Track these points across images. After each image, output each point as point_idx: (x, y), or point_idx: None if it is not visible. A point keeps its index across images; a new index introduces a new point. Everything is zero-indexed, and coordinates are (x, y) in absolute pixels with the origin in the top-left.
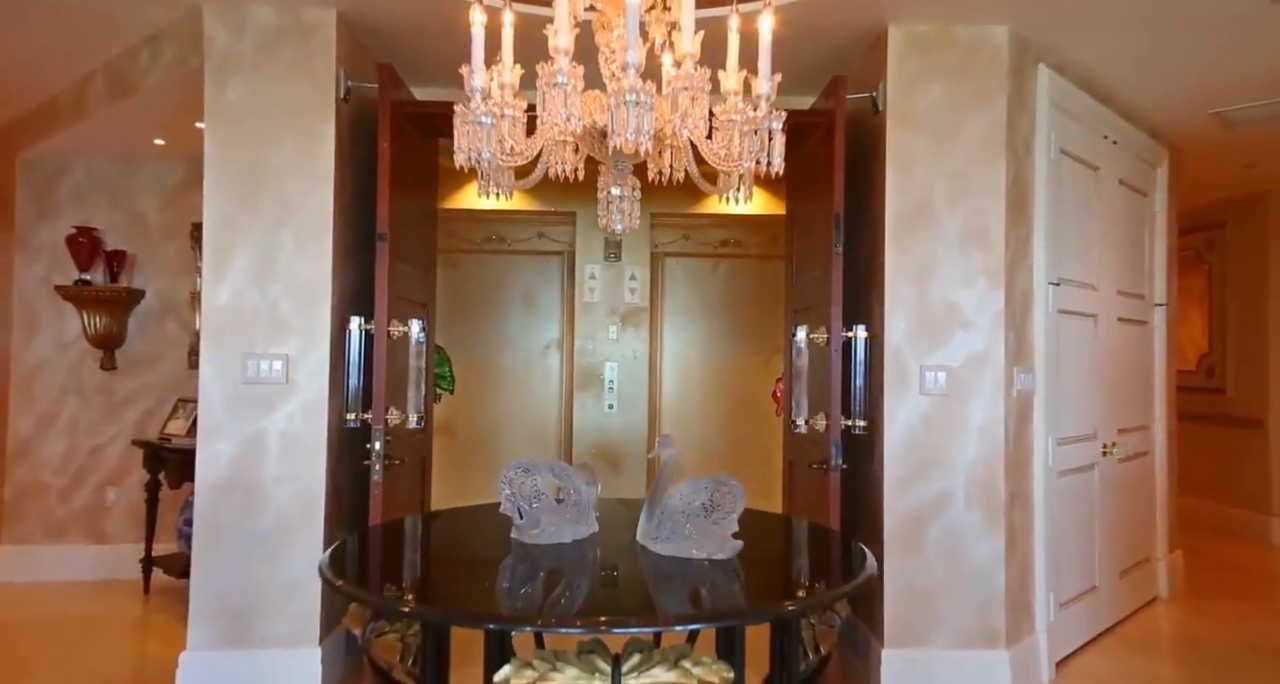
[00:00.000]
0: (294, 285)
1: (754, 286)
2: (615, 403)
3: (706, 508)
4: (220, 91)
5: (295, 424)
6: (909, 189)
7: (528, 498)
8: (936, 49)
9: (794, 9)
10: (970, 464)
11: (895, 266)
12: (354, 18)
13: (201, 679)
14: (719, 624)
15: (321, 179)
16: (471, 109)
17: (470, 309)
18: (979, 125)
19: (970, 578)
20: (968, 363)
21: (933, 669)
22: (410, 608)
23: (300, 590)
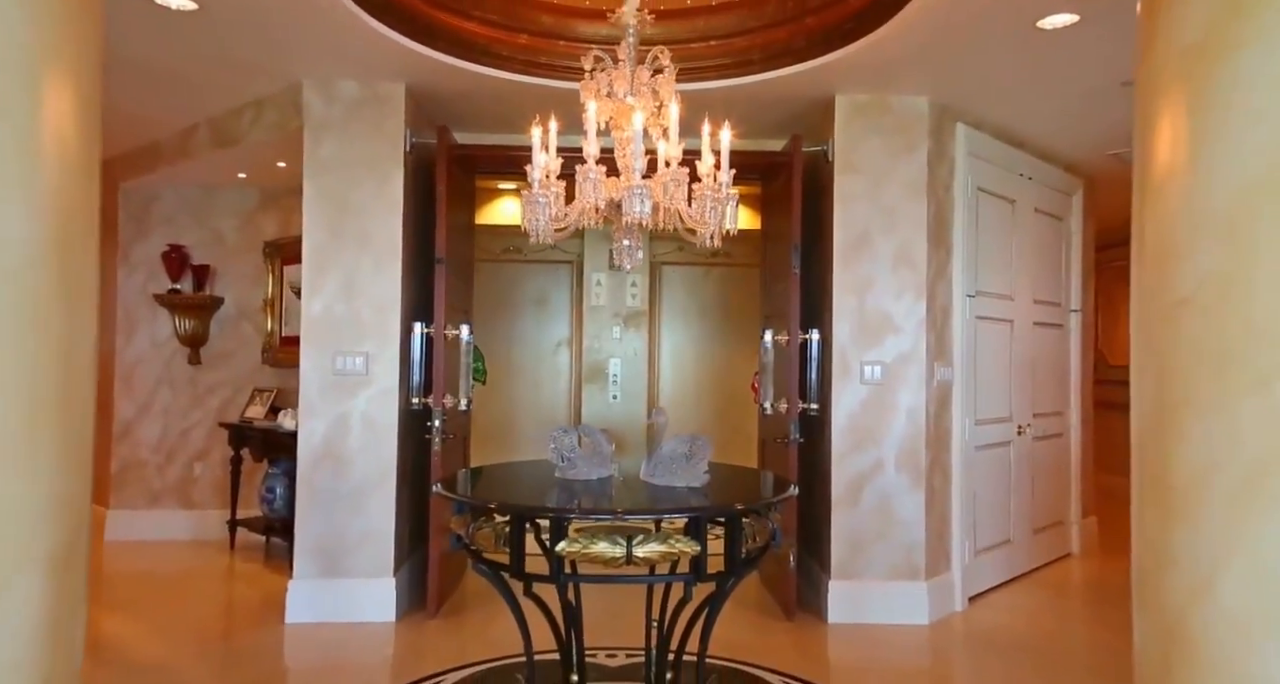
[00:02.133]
0: (371, 298)
1: (740, 292)
2: (619, 394)
3: (686, 455)
4: (316, 147)
5: (373, 407)
6: (852, 222)
7: (567, 449)
8: (873, 113)
9: (769, 82)
10: (899, 439)
11: (841, 283)
12: (416, 89)
13: (305, 601)
14: (688, 514)
15: (392, 214)
16: (532, 193)
17: (490, 311)
18: (907, 172)
19: (898, 527)
20: (897, 359)
21: (868, 596)
22: (499, 505)
23: (377, 535)
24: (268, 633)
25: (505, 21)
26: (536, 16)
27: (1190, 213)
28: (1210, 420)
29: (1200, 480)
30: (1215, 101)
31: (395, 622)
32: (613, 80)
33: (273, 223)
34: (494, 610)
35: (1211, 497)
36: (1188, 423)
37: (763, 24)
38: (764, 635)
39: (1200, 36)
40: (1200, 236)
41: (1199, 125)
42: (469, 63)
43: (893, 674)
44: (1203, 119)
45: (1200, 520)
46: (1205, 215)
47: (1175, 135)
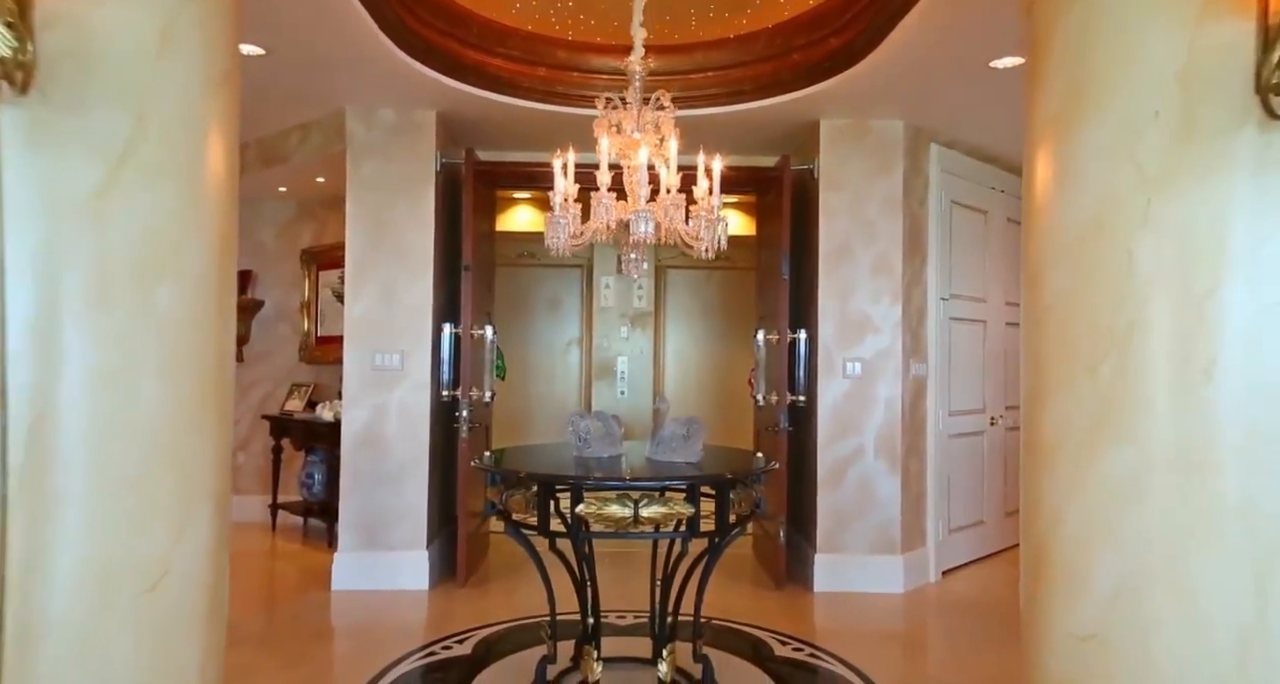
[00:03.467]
0: (407, 302)
1: (739, 294)
2: (626, 389)
3: (684, 436)
4: (358, 169)
5: (408, 398)
6: (835, 233)
7: (583, 431)
8: (854, 136)
9: (761, 108)
10: (877, 427)
11: (825, 288)
12: (446, 115)
13: (348, 570)
14: (684, 482)
15: (425, 228)
16: (554, 215)
17: (508, 313)
18: (884, 188)
19: (876, 506)
20: (876, 356)
21: (849, 568)
22: (529, 475)
23: (412, 512)
24: (316, 598)
25: (526, 56)
26: (553, 52)
27: (1051, 242)
28: (1062, 395)
29: (1056, 439)
30: (1066, 163)
31: (429, 589)
32: (621, 119)
33: (309, 232)
34: (516, 581)
35: (1063, 451)
36: (1049, 398)
37: (754, 58)
38: (756, 602)
39: (1058, 110)
40: (1057, 261)
41: (1056, 178)
42: (494, 94)
43: (869, 633)
44: (1059, 174)
45: (1056, 468)
46: (1059, 246)
47: (1044, 182)
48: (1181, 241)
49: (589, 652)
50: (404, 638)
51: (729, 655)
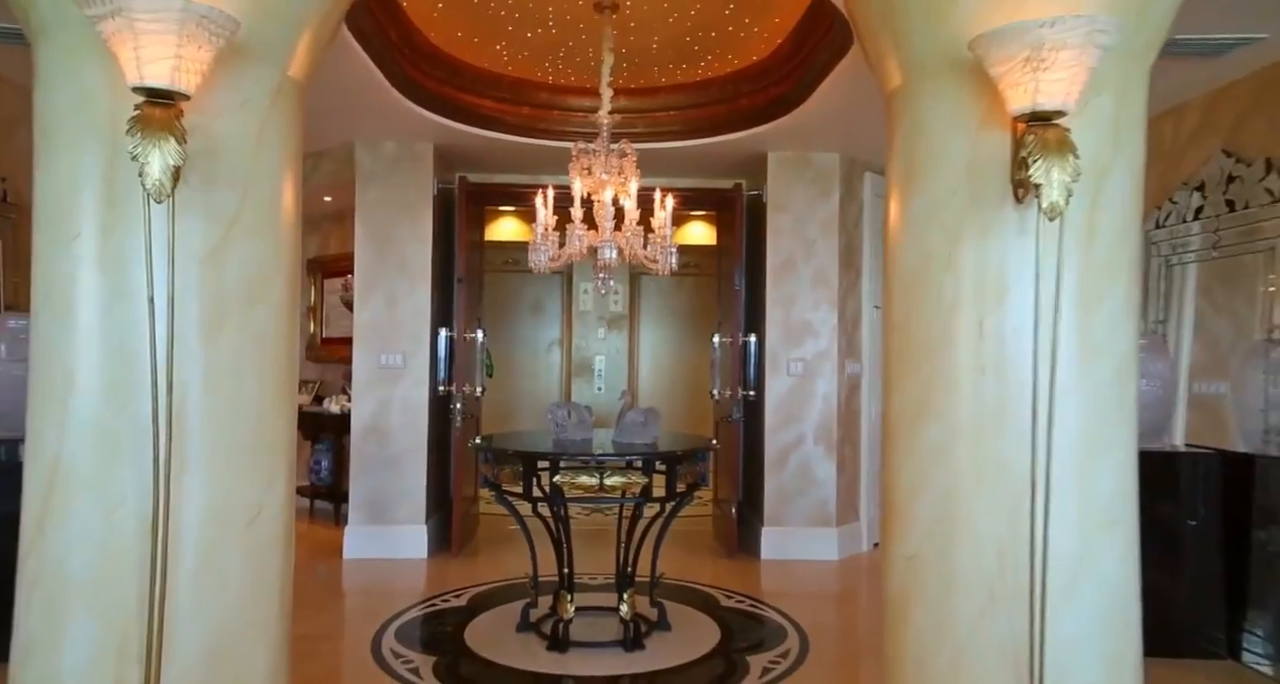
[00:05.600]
0: (408, 310)
1: (708, 299)
2: (603, 386)
3: (643, 422)
4: (365, 192)
5: (410, 393)
6: (780, 250)
7: (560, 418)
8: (797, 166)
9: (716, 143)
10: (816, 418)
11: (772, 298)
12: (442, 147)
13: (358, 542)
14: (640, 456)
15: (423, 244)
16: (535, 242)
17: (494, 316)
18: (823, 211)
19: (815, 486)
20: (815, 357)
21: (791, 538)
22: (517, 452)
23: (413, 492)
24: (330, 565)
25: (512, 97)
26: (536, 93)
27: (897, 277)
28: (901, 387)
29: (897, 419)
30: (903, 220)
31: (427, 558)
32: (591, 162)
33: (314, 243)
34: (503, 552)
35: (900, 427)
36: (894, 389)
37: (710, 101)
38: (710, 567)
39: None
40: (900, 290)
41: (897, 231)
42: (484, 130)
43: (803, 592)
44: (899, 228)
45: (897, 440)
46: (900, 280)
47: (892, 232)
48: (972, 280)
49: (564, 596)
50: (408, 595)
51: (682, 606)
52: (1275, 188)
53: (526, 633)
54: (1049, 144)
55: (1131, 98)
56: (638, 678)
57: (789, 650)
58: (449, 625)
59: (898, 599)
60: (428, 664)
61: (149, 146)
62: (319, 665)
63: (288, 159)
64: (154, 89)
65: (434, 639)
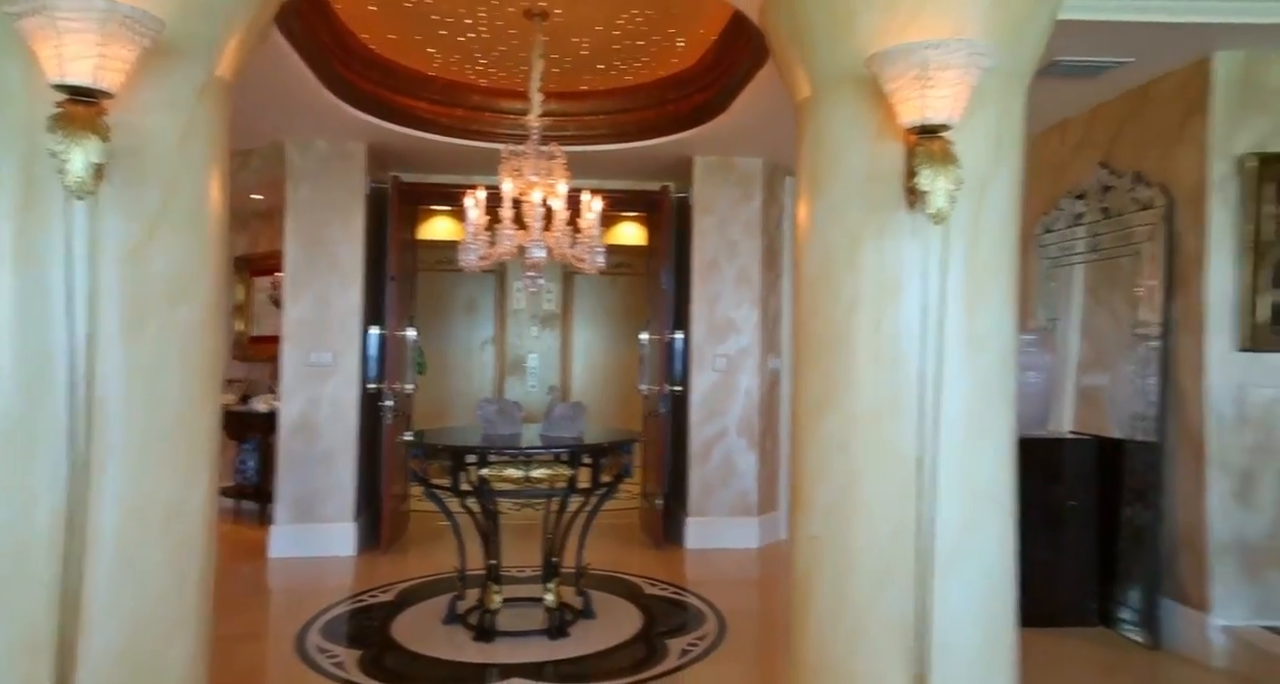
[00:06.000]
0: (338, 308)
1: (639, 298)
2: (536, 383)
3: (570, 417)
4: (296, 191)
5: (339, 391)
6: (705, 250)
7: (489, 414)
8: (721, 170)
9: (644, 147)
10: (739, 412)
11: (697, 296)
12: (375, 146)
13: (284, 540)
14: (564, 449)
15: (355, 243)
16: (466, 243)
17: (428, 314)
18: (746, 214)
19: (737, 477)
20: (738, 353)
21: (714, 527)
22: (446, 446)
23: (341, 489)
24: (254, 565)
25: (445, 99)
26: (469, 96)
27: (804, 276)
28: (808, 378)
29: (803, 409)
30: (810, 222)
31: (356, 555)
32: (521, 165)
33: (243, 241)
34: (433, 548)
35: (806, 417)
36: (802, 380)
37: (638, 106)
38: (637, 557)
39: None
40: (807, 288)
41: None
42: (417, 131)
43: (724, 578)
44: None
45: (803, 429)
46: (808, 279)
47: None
48: (870, 279)
49: (491, 587)
50: (335, 591)
51: (607, 594)
52: (1142, 197)
53: (453, 625)
54: (934, 155)
55: (1011, 113)
56: (560, 664)
57: (707, 633)
58: (376, 620)
59: (802, 579)
60: (353, 658)
61: (70, 144)
62: (241, 663)
63: (214, 157)
64: (76, 87)
65: (360, 634)
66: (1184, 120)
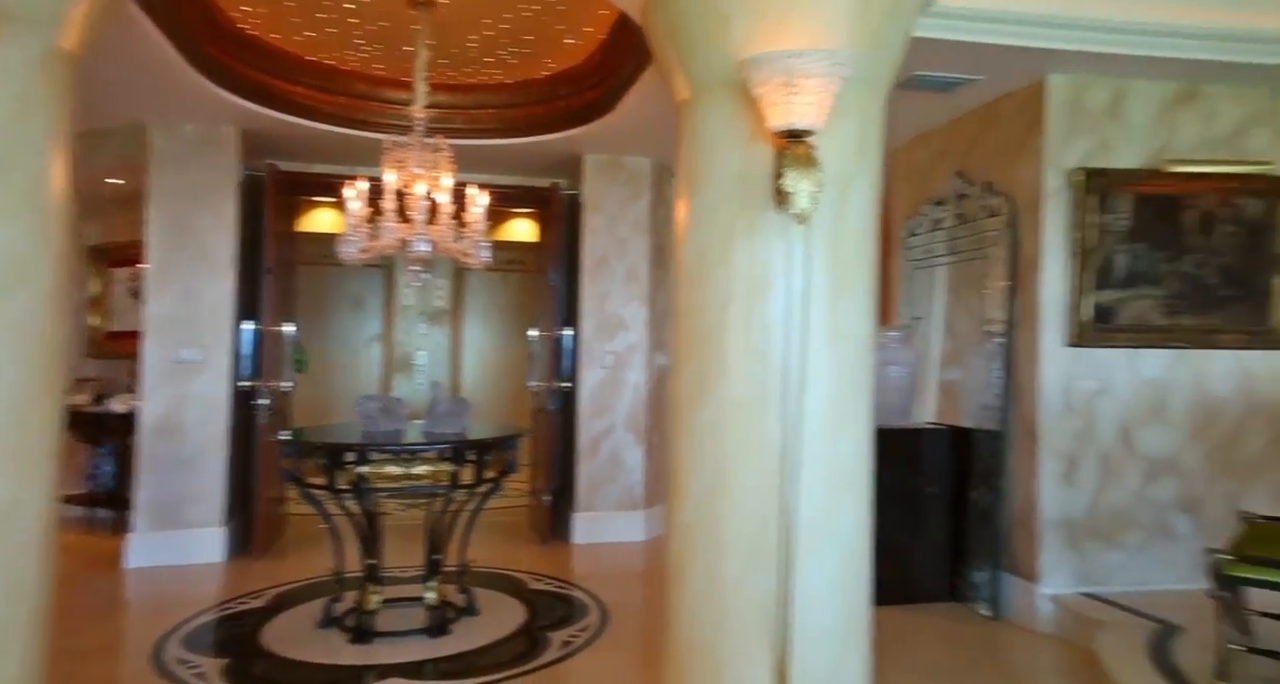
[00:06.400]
0: (208, 301)
1: (531, 295)
2: (425, 381)
3: (454, 412)
4: (161, 177)
5: (208, 389)
6: (595, 248)
7: (370, 411)
8: (611, 169)
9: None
10: (627, 408)
11: (587, 293)
12: (251, 132)
13: (142, 549)
14: (444, 446)
15: (227, 233)
16: (345, 235)
17: (310, 310)
18: (635, 213)
19: (625, 472)
20: (627, 349)
21: (602, 522)
22: (323, 444)
23: (209, 493)
24: (107, 577)
25: (328, 86)
26: (353, 84)
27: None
28: (685, 368)
29: (680, 399)
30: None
31: (225, 562)
32: (405, 156)
33: (97, 229)
34: (312, 552)
35: (683, 406)
36: (679, 371)
37: (528, 101)
38: (524, 554)
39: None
40: (686, 282)
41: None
42: (297, 118)
43: (610, 571)
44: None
45: (679, 418)
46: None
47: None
48: (743, 275)
49: (369, 588)
50: (200, 600)
51: (491, 591)
52: (991, 205)
53: (329, 628)
54: (798, 158)
55: (871, 120)
56: (441, 661)
57: (590, 625)
58: (245, 627)
59: (677, 564)
60: (217, 667)
61: None
62: (87, 678)
63: (55, 135)
64: None
65: (227, 642)
66: (1025, 136)
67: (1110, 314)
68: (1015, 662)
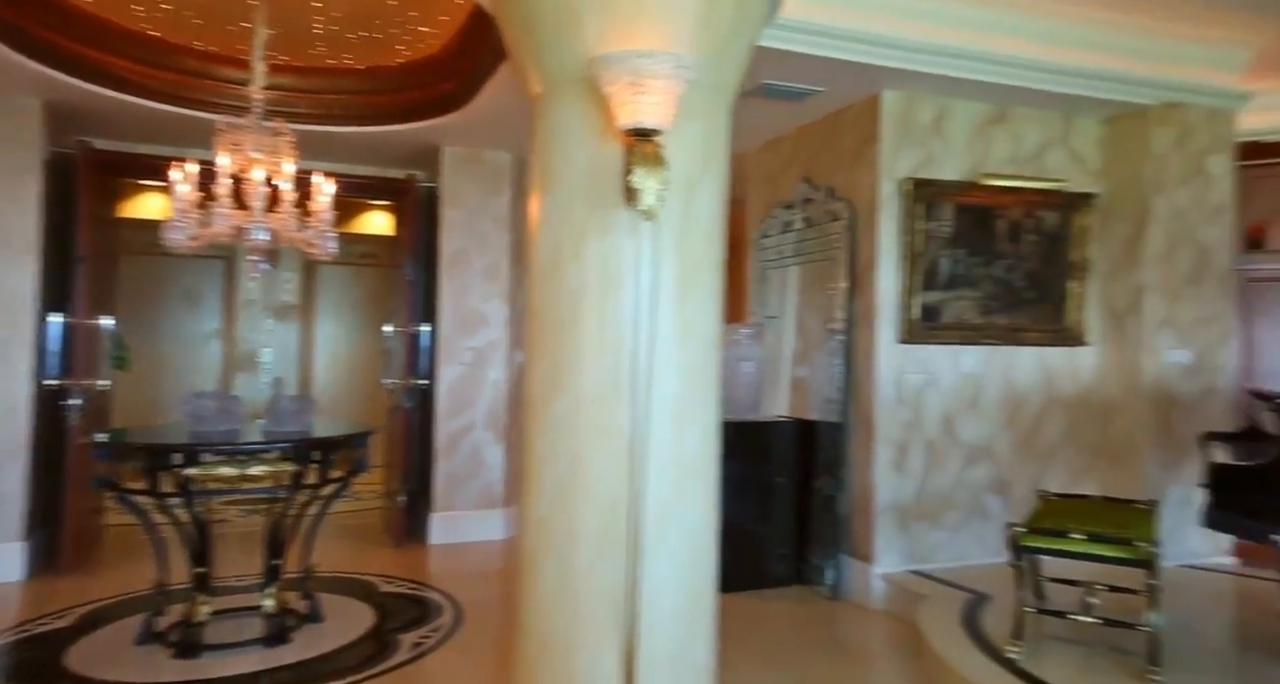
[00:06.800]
0: (4, 291)
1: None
2: (270, 380)
3: (296, 410)
4: None
5: (4, 387)
6: (453, 242)
7: (200, 410)
8: (471, 163)
9: (388, 132)
10: (487, 405)
11: (445, 289)
12: (58, 105)
13: None
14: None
15: (28, 215)
16: (172, 220)
17: (137, 303)
18: (495, 208)
19: (484, 470)
20: (487, 346)
21: (460, 521)
22: (144, 445)
23: (6, 502)
24: None
25: (153, 60)
26: (183, 59)
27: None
28: (538, 364)
29: (533, 394)
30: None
31: (24, 581)
32: (242, 138)
33: None
34: (132, 565)
35: (536, 401)
36: (532, 366)
37: (381, 89)
38: (377, 557)
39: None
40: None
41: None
42: (115, 91)
43: (467, 571)
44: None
45: (532, 414)
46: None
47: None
48: (595, 270)
49: (197, 598)
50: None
51: (338, 596)
52: (834, 210)
53: (149, 645)
54: (646, 156)
55: (717, 124)
56: (278, 671)
57: (443, 625)
58: (46, 650)
59: (530, 556)
60: None
61: None
62: None
63: None
64: None
65: (23, 667)
66: (862, 146)
67: (936, 313)
68: (848, 637)
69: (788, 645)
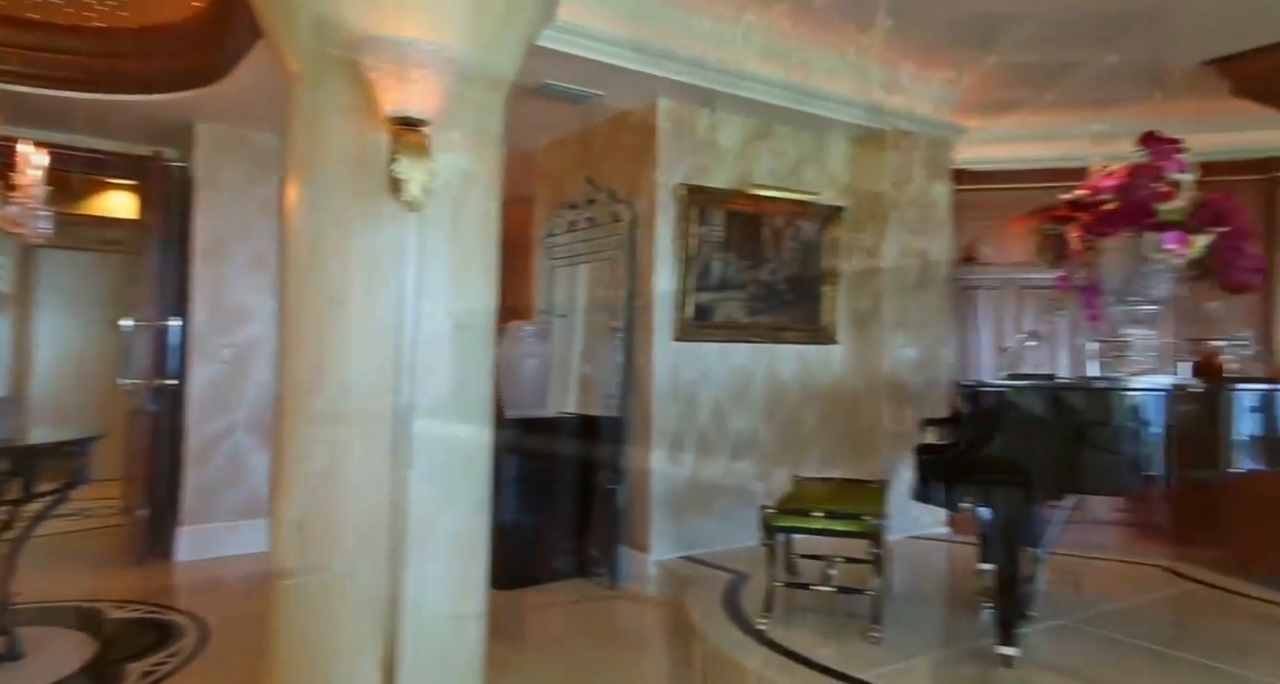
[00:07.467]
0: None
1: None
2: None
3: None
4: None
5: None
6: (211, 229)
7: None
8: (234, 144)
9: (131, 102)
10: (251, 406)
11: (201, 279)
12: None
13: None
14: None
15: None
16: None
17: None
18: (262, 193)
19: (247, 476)
20: (251, 342)
21: (216, 534)
22: None
23: None
24: None
25: None
26: None
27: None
28: (296, 356)
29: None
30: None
31: None
32: None
33: None
34: None
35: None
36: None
37: (116, 53)
38: (108, 580)
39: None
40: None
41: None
42: None
43: (222, 587)
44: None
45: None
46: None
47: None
48: (360, 262)
49: None
50: None
51: (50, 628)
52: (616, 211)
53: None
54: (411, 146)
55: (490, 120)
56: None
57: (183, 648)
58: None
59: (283, 563)
60: None
61: None
62: None
63: None
64: None
65: None
66: (642, 151)
67: (708, 313)
68: (621, 624)
69: (563, 637)
